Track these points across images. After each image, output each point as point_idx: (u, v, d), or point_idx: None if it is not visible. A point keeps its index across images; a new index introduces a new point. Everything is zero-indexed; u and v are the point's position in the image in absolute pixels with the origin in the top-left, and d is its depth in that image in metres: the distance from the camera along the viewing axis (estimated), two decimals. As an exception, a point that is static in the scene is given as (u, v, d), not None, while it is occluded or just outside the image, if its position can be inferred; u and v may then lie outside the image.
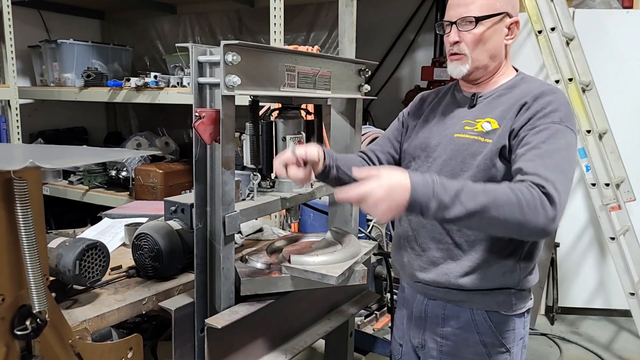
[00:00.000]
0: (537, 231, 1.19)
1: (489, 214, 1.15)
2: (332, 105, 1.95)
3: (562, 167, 1.25)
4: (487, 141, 1.39)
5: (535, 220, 1.16)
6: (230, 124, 1.35)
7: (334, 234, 1.78)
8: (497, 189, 1.19)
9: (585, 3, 3.77)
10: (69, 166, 3.94)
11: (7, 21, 3.62)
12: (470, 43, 1.42)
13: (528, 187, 1.20)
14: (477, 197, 1.15)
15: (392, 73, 5.65)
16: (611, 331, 3.61)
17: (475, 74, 1.47)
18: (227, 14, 4.84)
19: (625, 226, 3.20)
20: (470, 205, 1.15)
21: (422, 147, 1.54)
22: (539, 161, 1.25)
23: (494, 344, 1.45)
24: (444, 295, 1.48)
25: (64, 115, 4.98)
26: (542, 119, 1.32)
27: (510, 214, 1.16)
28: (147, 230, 1.58)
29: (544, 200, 1.17)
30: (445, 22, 1.47)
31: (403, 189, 1.14)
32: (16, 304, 1.06)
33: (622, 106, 3.50)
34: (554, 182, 1.20)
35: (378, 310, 2.80)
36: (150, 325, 1.92)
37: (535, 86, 1.42)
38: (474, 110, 1.48)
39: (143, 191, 3.72)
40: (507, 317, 1.46)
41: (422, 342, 1.56)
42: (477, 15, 1.40)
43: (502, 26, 1.43)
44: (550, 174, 1.22)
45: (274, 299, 1.53)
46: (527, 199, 1.16)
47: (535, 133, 1.31)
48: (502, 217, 1.16)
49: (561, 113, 1.33)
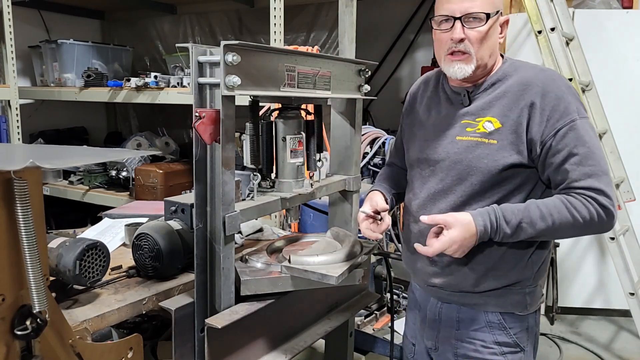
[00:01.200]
0: (598, 232, 1.38)
1: (549, 236, 1.34)
2: (332, 105, 1.95)
3: (600, 166, 1.31)
4: (492, 142, 1.36)
5: (594, 232, 1.36)
6: (230, 124, 1.36)
7: (334, 234, 1.78)
8: (554, 214, 1.30)
9: (585, 3, 3.77)
10: (69, 166, 3.94)
11: (7, 21, 3.62)
12: (476, 41, 1.34)
13: (583, 203, 1.30)
14: (536, 225, 1.30)
15: (392, 73, 5.64)
16: (611, 331, 3.61)
17: (476, 74, 1.40)
18: (227, 14, 4.84)
19: (625, 226, 3.20)
20: (530, 232, 1.31)
21: (423, 151, 1.51)
22: (582, 169, 1.30)
23: (508, 344, 1.45)
24: (459, 299, 1.47)
25: (64, 115, 4.98)
26: (561, 120, 1.33)
27: (569, 233, 1.34)
28: (147, 230, 1.58)
29: (601, 214, 1.30)
30: (446, 16, 1.36)
31: (471, 236, 1.31)
32: (16, 304, 1.06)
33: (621, 106, 3.50)
34: (604, 189, 1.29)
35: (378, 310, 2.79)
36: (150, 325, 1.92)
37: (530, 75, 1.38)
38: (470, 108, 1.43)
39: (143, 191, 3.72)
40: (521, 317, 1.45)
41: (435, 344, 1.55)
42: (487, 12, 1.33)
43: (497, 24, 1.40)
44: (598, 182, 1.30)
45: (274, 299, 1.53)
46: (584, 217, 1.29)
47: (562, 138, 1.32)
48: (562, 236, 1.36)
49: (573, 105, 1.34)
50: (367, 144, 3.41)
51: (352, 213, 1.97)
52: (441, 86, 1.54)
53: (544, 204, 1.31)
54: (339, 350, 2.11)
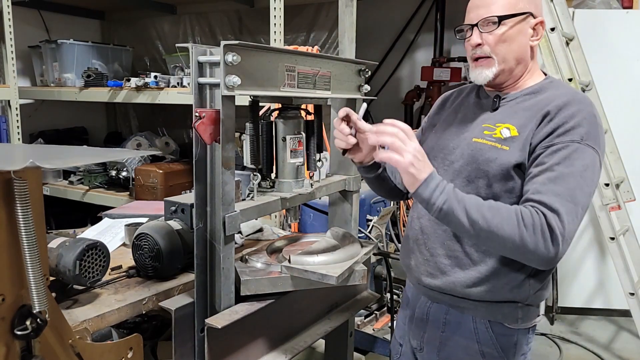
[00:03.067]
0: (536, 259, 1.22)
1: (484, 231, 1.21)
2: (332, 105, 1.95)
3: (573, 194, 1.21)
4: (504, 148, 1.33)
5: (533, 246, 1.19)
6: (230, 124, 1.36)
7: (334, 234, 1.78)
8: (501, 207, 1.22)
9: (585, 3, 3.77)
10: (69, 166, 3.94)
11: (7, 21, 3.62)
12: (493, 44, 1.35)
13: (532, 211, 1.20)
14: (469, 211, 1.22)
15: (392, 73, 5.65)
16: (611, 331, 3.61)
17: (500, 78, 1.39)
18: (227, 14, 4.84)
19: (625, 226, 3.20)
20: (460, 215, 1.22)
21: (441, 149, 1.49)
22: (550, 186, 1.21)
23: (492, 355, 1.41)
24: (449, 301, 1.45)
25: (64, 115, 4.98)
26: (562, 137, 1.26)
27: (508, 233, 1.20)
28: (147, 230, 1.58)
29: (545, 231, 1.18)
30: (465, 25, 1.40)
31: (418, 163, 1.24)
32: (16, 304, 1.06)
33: (621, 106, 3.50)
34: (560, 212, 1.18)
35: (378, 310, 2.80)
36: (150, 325, 1.92)
37: (561, 93, 1.34)
38: (495, 114, 1.41)
39: (143, 191, 3.72)
40: (510, 329, 1.41)
41: (420, 344, 1.53)
42: (500, 15, 1.33)
43: (526, 27, 1.36)
44: (558, 203, 1.19)
45: (274, 299, 1.53)
46: (527, 223, 1.19)
47: (552, 153, 1.25)
48: (500, 233, 1.20)
49: (583, 129, 1.25)
50: (367, 144, 3.41)
51: (352, 213, 1.97)
52: (476, 93, 1.53)
53: (490, 201, 1.27)
54: (339, 350, 2.11)
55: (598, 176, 1.28)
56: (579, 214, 1.22)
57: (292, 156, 1.69)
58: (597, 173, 1.28)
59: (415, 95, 5.30)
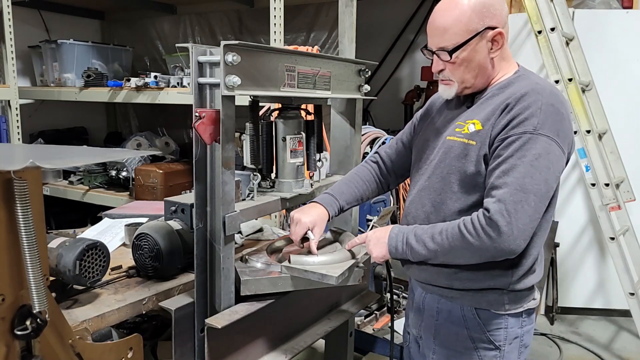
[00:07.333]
0: (492, 255, 1.30)
1: (442, 249, 1.35)
2: (332, 105, 1.96)
3: (522, 183, 1.26)
4: (472, 143, 1.38)
5: (483, 246, 1.28)
6: (230, 124, 1.36)
7: (334, 234, 1.78)
8: (448, 227, 1.35)
9: (585, 3, 3.77)
10: (69, 166, 3.93)
11: (7, 21, 3.63)
12: (451, 71, 1.42)
13: (473, 217, 1.30)
14: (427, 245, 1.37)
15: (392, 73, 5.65)
16: (611, 331, 3.61)
17: (465, 91, 1.46)
18: (227, 14, 4.84)
19: (625, 226, 3.20)
20: (423, 253, 1.38)
21: (423, 149, 1.56)
22: (504, 178, 1.28)
23: (481, 339, 1.46)
24: (438, 291, 1.51)
25: (64, 115, 4.98)
26: (515, 129, 1.31)
27: (459, 246, 1.32)
28: (147, 230, 1.59)
29: (486, 229, 1.27)
30: (427, 50, 1.46)
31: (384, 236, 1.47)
32: (16, 304, 1.06)
33: (621, 106, 3.50)
34: (506, 202, 1.25)
35: (378, 310, 2.79)
36: (150, 325, 1.92)
37: (524, 84, 1.38)
38: (469, 111, 1.46)
39: (143, 191, 3.72)
40: (497, 315, 1.45)
41: (419, 332, 1.59)
42: (450, 49, 1.37)
43: (483, 43, 1.38)
44: (504, 194, 1.26)
45: (274, 299, 1.53)
46: (469, 230, 1.29)
47: (506, 145, 1.31)
48: (455, 250, 1.34)
49: (536, 119, 1.29)
50: (367, 144, 3.41)
51: (352, 213, 1.97)
52: None
53: (443, 227, 1.37)
54: (339, 350, 2.11)
55: (557, 163, 1.32)
56: (530, 201, 1.26)
57: (292, 156, 1.69)
58: (555, 160, 1.31)
59: (415, 95, 5.30)
